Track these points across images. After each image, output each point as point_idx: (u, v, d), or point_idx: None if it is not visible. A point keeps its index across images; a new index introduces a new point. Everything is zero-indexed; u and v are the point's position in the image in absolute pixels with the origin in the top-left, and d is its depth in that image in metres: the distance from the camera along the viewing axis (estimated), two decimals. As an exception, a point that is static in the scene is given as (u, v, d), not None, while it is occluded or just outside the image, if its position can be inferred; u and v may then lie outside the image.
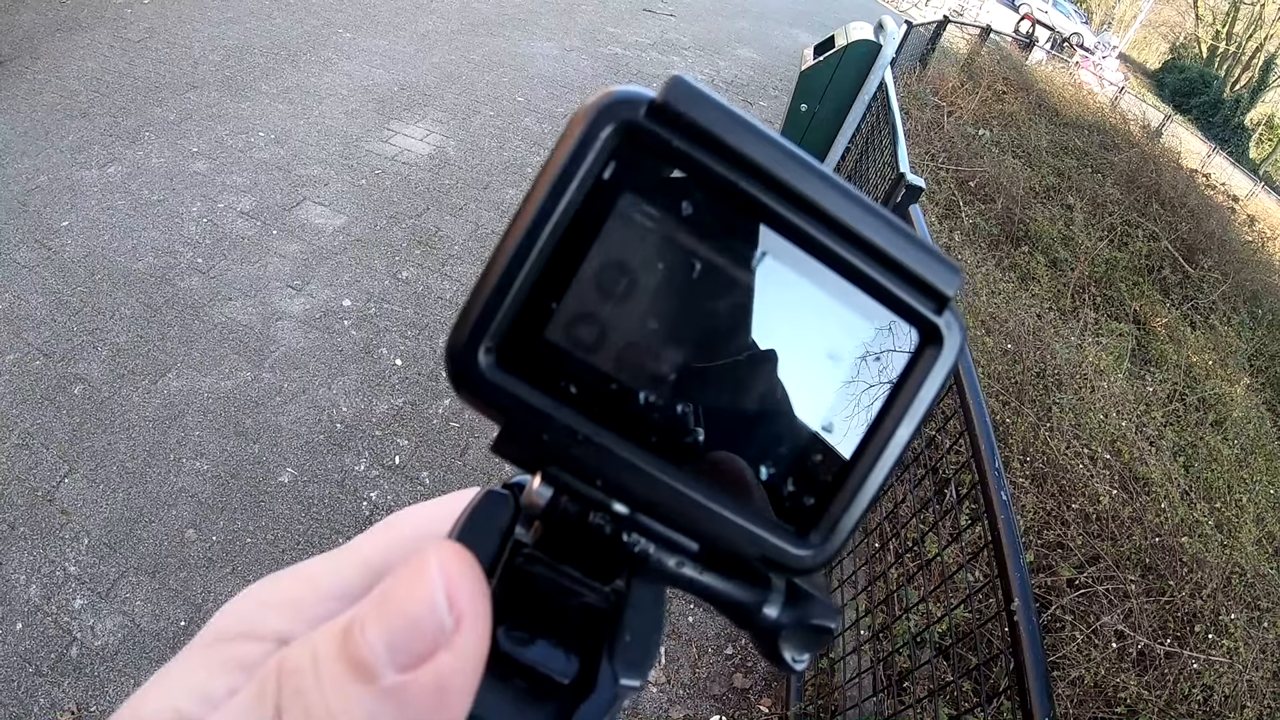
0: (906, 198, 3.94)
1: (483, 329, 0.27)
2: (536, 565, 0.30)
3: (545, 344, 0.27)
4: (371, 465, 3.84)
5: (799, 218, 0.28)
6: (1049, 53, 23.17)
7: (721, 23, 13.55)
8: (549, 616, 0.30)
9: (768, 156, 0.27)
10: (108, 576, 3.16)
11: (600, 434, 0.28)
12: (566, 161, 0.26)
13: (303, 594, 0.32)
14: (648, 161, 0.27)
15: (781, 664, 0.32)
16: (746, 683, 3.44)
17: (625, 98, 0.27)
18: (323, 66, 7.59)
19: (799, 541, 0.30)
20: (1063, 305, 7.69)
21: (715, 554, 0.31)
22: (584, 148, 0.26)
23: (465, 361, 0.27)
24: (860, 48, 6.19)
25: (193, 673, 0.29)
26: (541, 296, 0.27)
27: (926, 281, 0.29)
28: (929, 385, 0.30)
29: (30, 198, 4.92)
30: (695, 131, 0.27)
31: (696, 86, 0.27)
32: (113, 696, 2.84)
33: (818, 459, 0.30)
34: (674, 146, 0.27)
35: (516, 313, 0.27)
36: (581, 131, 0.26)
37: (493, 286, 0.26)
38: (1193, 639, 3.80)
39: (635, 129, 0.27)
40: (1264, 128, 40.76)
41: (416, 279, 5.06)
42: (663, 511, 0.29)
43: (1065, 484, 4.37)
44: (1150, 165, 12.17)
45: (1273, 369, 9.40)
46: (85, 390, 3.84)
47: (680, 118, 0.27)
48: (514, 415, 0.28)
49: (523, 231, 0.26)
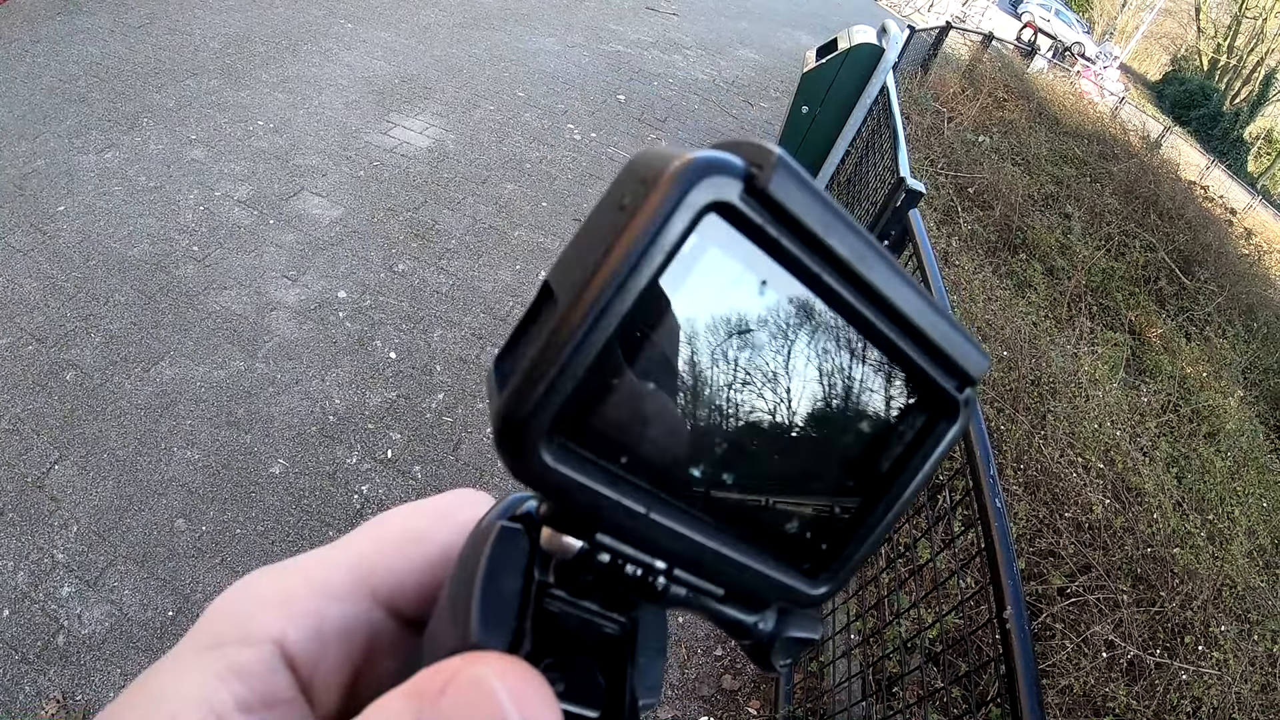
0: (906, 202, 3.93)
1: (544, 408, 0.25)
2: (559, 604, 0.30)
3: (603, 422, 0.26)
4: (363, 458, 3.82)
5: (863, 305, 0.28)
6: (1050, 61, 23.22)
7: (724, 23, 13.54)
8: (575, 654, 0.30)
9: (854, 252, 0.27)
10: (96, 565, 3.15)
11: (652, 506, 0.27)
12: (652, 231, 0.24)
13: (296, 592, 0.31)
14: (730, 239, 0.26)
15: (768, 667, 0.35)
16: (735, 684, 3.43)
17: (719, 168, 0.25)
18: (323, 57, 7.57)
19: (811, 582, 0.32)
20: (1059, 314, 7.69)
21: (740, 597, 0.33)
22: (668, 217, 0.24)
23: (522, 442, 0.25)
24: (863, 51, 6.18)
25: (190, 680, 0.28)
26: (606, 372, 0.25)
27: (957, 364, 0.31)
28: (937, 452, 0.32)
29: (27, 181, 4.90)
30: (788, 219, 0.26)
31: (797, 170, 0.26)
32: (99, 685, 2.82)
33: (836, 513, 0.32)
34: (764, 231, 0.26)
35: (579, 390, 0.25)
36: (670, 199, 0.24)
37: (560, 362, 0.24)
38: (1182, 650, 3.80)
39: (727, 209, 0.25)
40: (1263, 141, 40.90)
41: (413, 272, 5.05)
42: (700, 568, 0.30)
43: (1058, 492, 4.37)
44: (1149, 176, 12.19)
45: (1266, 382, 9.42)
46: (77, 376, 3.82)
47: (775, 204, 0.25)
48: (570, 499, 0.26)
49: (596, 302, 0.24)
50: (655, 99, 9.20)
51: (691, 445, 0.28)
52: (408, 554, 0.33)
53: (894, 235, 4.01)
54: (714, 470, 0.28)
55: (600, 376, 0.25)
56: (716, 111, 9.44)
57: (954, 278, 6.31)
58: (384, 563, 0.33)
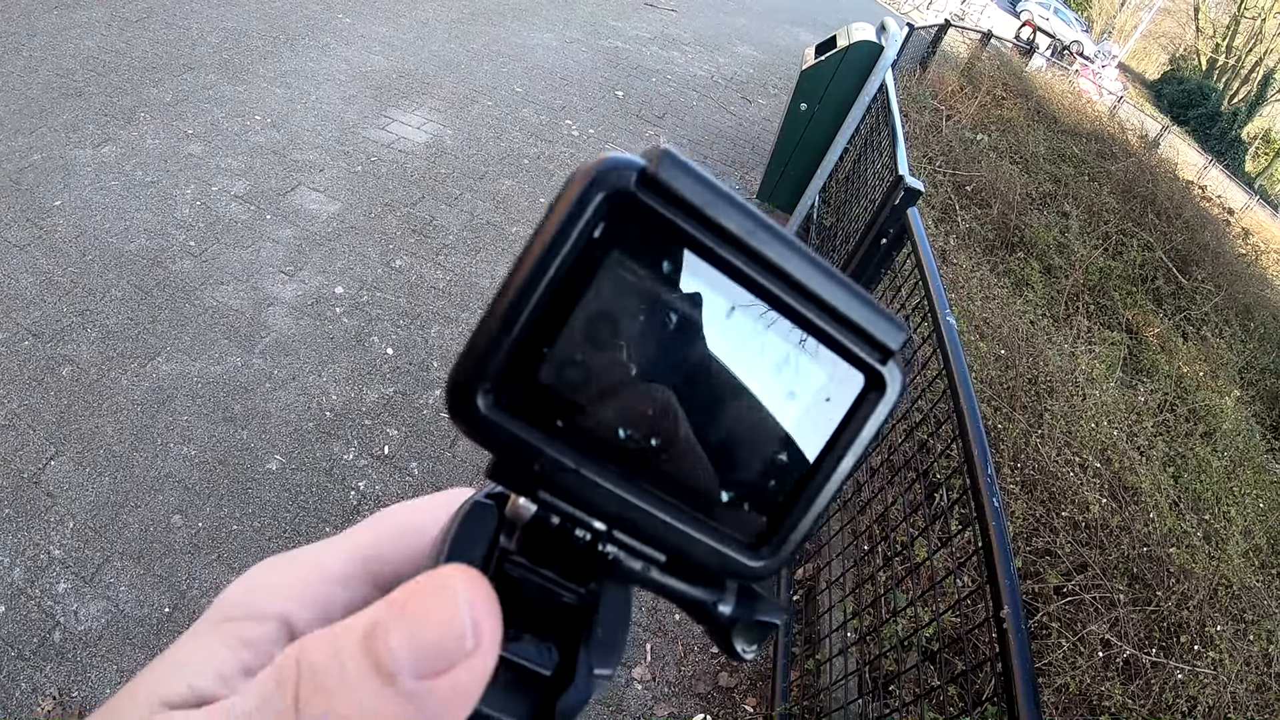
0: (905, 200, 3.93)
1: (481, 370, 0.29)
2: (520, 570, 0.33)
3: (538, 385, 0.30)
4: (360, 454, 3.82)
5: (767, 280, 0.31)
6: (1049, 60, 23.22)
7: (722, 19, 13.54)
8: (533, 616, 0.33)
9: (741, 227, 0.30)
10: (92, 561, 3.14)
11: (584, 464, 0.31)
12: (563, 221, 0.29)
13: (303, 577, 0.34)
14: (634, 224, 0.30)
15: (733, 654, 0.37)
16: (732, 681, 3.43)
17: (618, 166, 0.29)
18: (321, 51, 7.55)
19: (752, 555, 0.34)
20: (1056, 312, 7.70)
21: (680, 563, 0.34)
22: (579, 209, 0.29)
23: (465, 399, 0.30)
24: (862, 48, 6.17)
25: (202, 650, 0.31)
26: (536, 342, 0.29)
27: (874, 337, 0.32)
28: (871, 425, 0.33)
29: (23, 176, 4.88)
30: (678, 201, 0.29)
31: (682, 160, 0.30)
32: (95, 682, 2.82)
33: (772, 485, 0.33)
34: (658, 214, 0.30)
35: (513, 356, 0.29)
36: (578, 195, 0.29)
37: (492, 332, 0.29)
38: (1178, 649, 3.80)
39: (625, 196, 0.29)
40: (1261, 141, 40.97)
41: (410, 268, 5.04)
42: (637, 530, 0.32)
43: (1055, 491, 4.37)
44: (1147, 175, 12.20)
45: (1263, 382, 9.44)
46: (74, 372, 3.81)
47: (667, 190, 0.29)
48: (508, 449, 0.30)
49: (521, 282, 0.29)
50: (653, 95, 9.20)
51: (617, 410, 0.31)
52: (406, 545, 0.36)
53: (892, 233, 4.01)
54: (641, 434, 0.31)
55: (531, 345, 0.29)
56: (715, 108, 9.44)
57: (952, 276, 6.31)
58: (383, 553, 0.36)
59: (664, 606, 3.61)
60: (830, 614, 3.43)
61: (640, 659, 3.40)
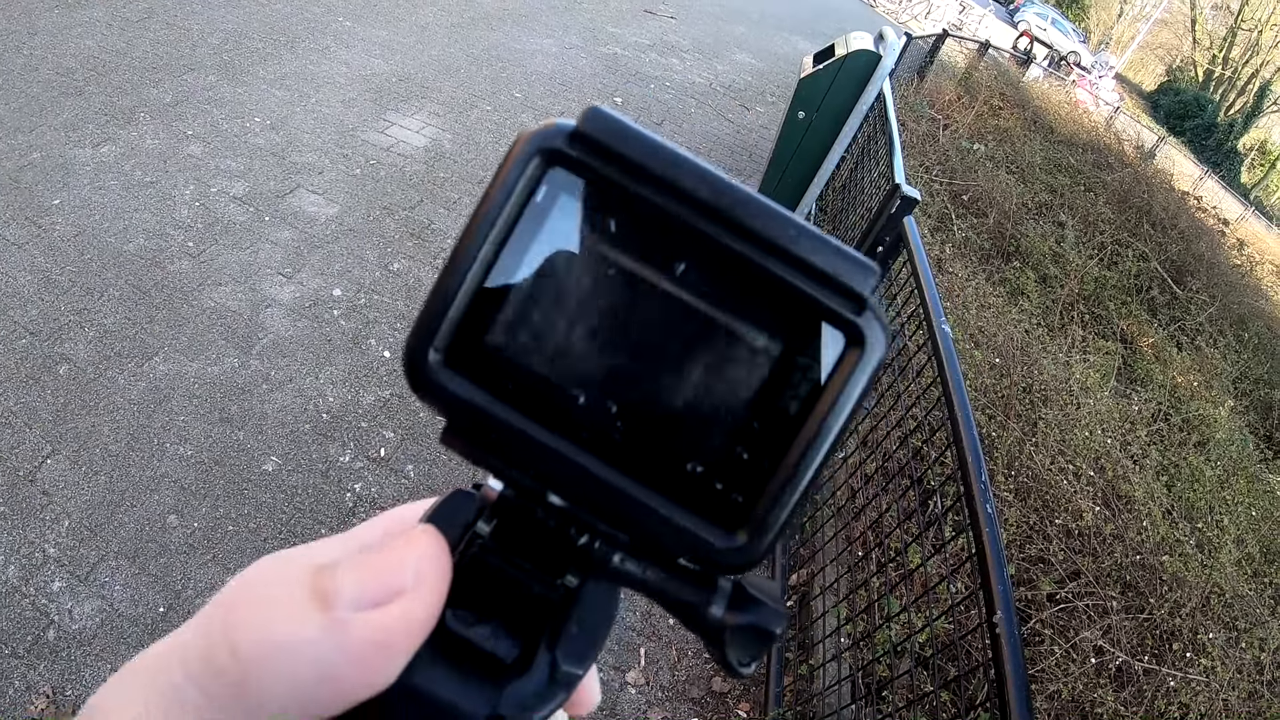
0: (902, 209, 3.95)
1: (432, 332, 0.30)
2: (491, 555, 0.33)
3: (487, 348, 0.30)
4: (356, 457, 3.82)
5: (715, 230, 0.30)
6: (1046, 70, 23.32)
7: (721, 26, 13.58)
8: (497, 603, 0.33)
9: (681, 174, 0.30)
10: (87, 560, 3.14)
11: (535, 430, 0.31)
12: (504, 184, 0.30)
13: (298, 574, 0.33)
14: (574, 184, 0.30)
15: (728, 668, 0.34)
16: (725, 687, 3.44)
17: (552, 129, 0.30)
18: (321, 54, 7.56)
19: (726, 538, 0.31)
20: (1051, 322, 7.72)
21: (645, 546, 0.32)
22: (516, 173, 0.30)
23: (416, 360, 0.30)
24: (860, 58, 6.19)
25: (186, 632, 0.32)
26: (483, 305, 0.30)
27: (842, 283, 0.30)
28: (853, 385, 0.30)
29: (22, 174, 4.88)
30: (611, 155, 0.30)
31: (611, 115, 0.30)
32: (89, 681, 2.82)
33: (744, 457, 0.31)
34: (594, 170, 0.30)
35: (461, 319, 0.30)
36: (515, 159, 0.30)
37: (441, 295, 0.30)
38: (1171, 657, 3.81)
39: (559, 156, 0.30)
40: (1256, 153, 41.10)
41: (408, 271, 5.05)
42: (594, 503, 0.31)
43: (1049, 499, 4.39)
44: (1143, 186, 12.23)
45: (1257, 392, 9.46)
46: (71, 371, 3.81)
47: (597, 144, 0.30)
48: (458, 411, 0.31)
49: (467, 248, 0.30)
50: (652, 102, 9.22)
51: (569, 372, 0.30)
52: None
53: (889, 241, 4.03)
54: (596, 398, 0.31)
55: (480, 309, 0.30)
56: (712, 115, 9.46)
57: (947, 285, 6.33)
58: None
59: (657, 610, 3.60)
60: (824, 619, 3.43)
61: (634, 663, 3.40)
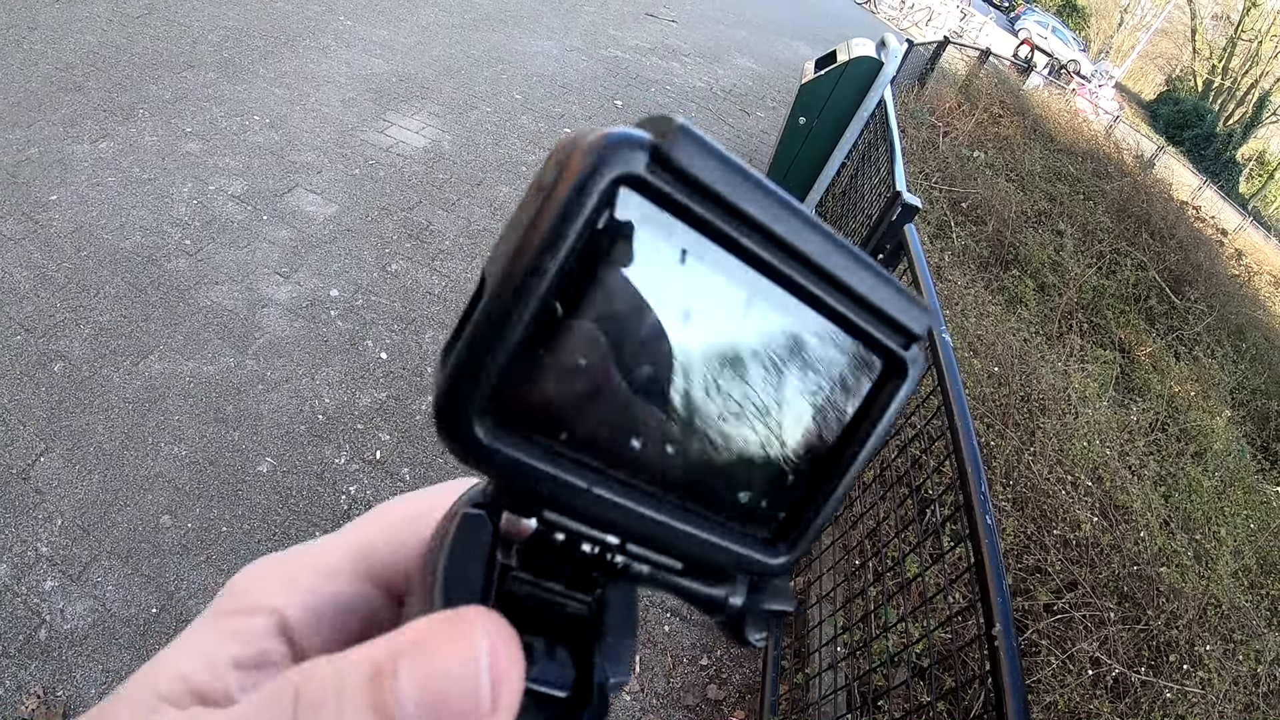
0: (902, 216, 3.94)
1: (475, 388, 0.26)
2: (523, 586, 0.31)
3: (538, 397, 0.27)
4: (352, 459, 3.80)
5: (789, 266, 0.28)
6: (1046, 79, 23.37)
7: (723, 31, 13.58)
8: (541, 634, 0.31)
9: (766, 211, 0.27)
10: (80, 559, 3.12)
11: (596, 483, 0.28)
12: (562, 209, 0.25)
13: (298, 572, 0.34)
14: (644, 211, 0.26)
15: (744, 642, 0.34)
16: (720, 694, 3.42)
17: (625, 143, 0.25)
18: (321, 53, 7.55)
19: (770, 551, 0.32)
20: (1049, 330, 7.72)
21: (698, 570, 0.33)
22: (580, 195, 0.25)
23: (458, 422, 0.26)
24: (862, 64, 6.20)
25: (195, 642, 0.31)
26: (534, 349, 0.26)
27: (900, 322, 0.31)
28: (892, 410, 0.31)
29: (20, 169, 4.86)
30: (696, 185, 0.26)
31: (704, 139, 0.26)
32: (80, 681, 2.80)
33: (790, 480, 0.31)
34: (674, 199, 0.26)
35: (509, 368, 0.26)
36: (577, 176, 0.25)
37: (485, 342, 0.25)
38: (1167, 668, 3.81)
39: (636, 181, 0.25)
40: (1255, 163, 41.22)
41: (405, 272, 5.03)
42: (650, 541, 0.30)
43: (1046, 509, 4.38)
44: (1141, 195, 12.26)
45: (1254, 403, 9.48)
46: (65, 368, 3.79)
47: (683, 172, 0.26)
48: (510, 475, 0.27)
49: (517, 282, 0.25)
50: (652, 106, 9.22)
51: (629, 418, 0.28)
52: (403, 538, 0.35)
53: (889, 249, 4.02)
54: (655, 443, 0.29)
55: (529, 355, 0.26)
56: (713, 120, 9.46)
57: (946, 292, 6.33)
58: (379, 547, 0.35)
59: (653, 617, 3.60)
60: (820, 628, 3.42)
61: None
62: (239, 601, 0.33)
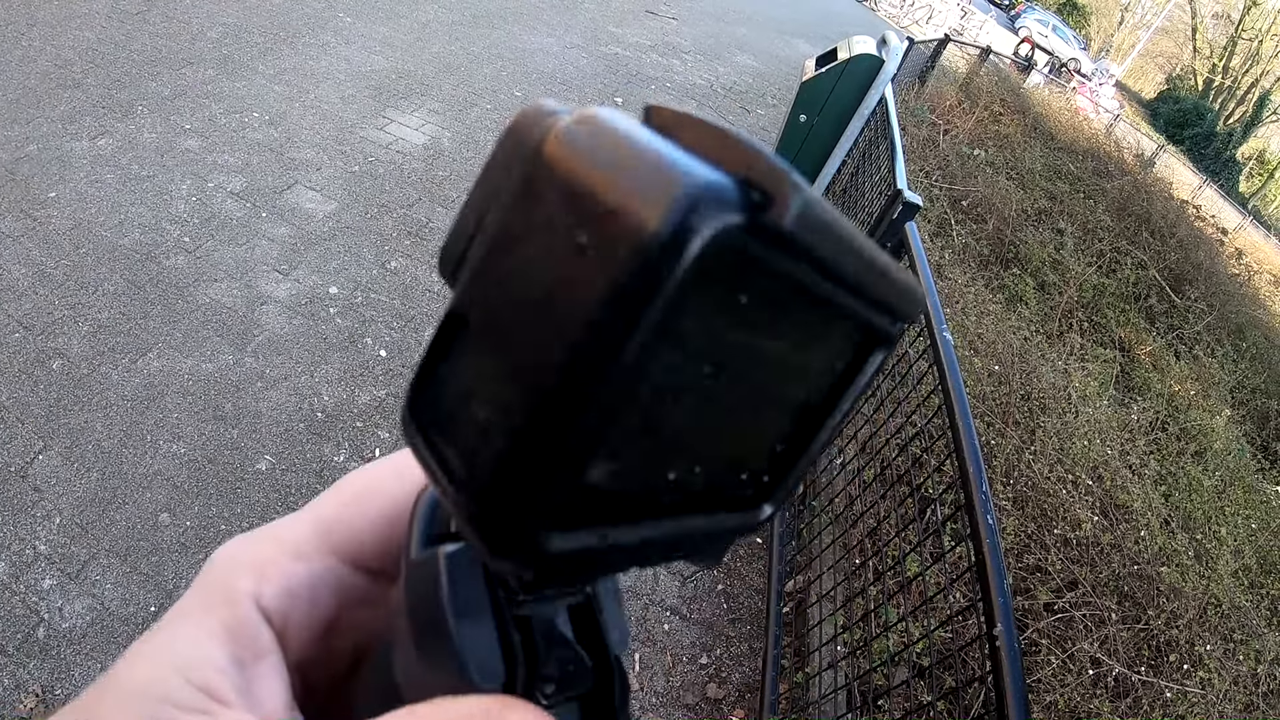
0: (903, 214, 3.93)
1: (539, 497, 0.22)
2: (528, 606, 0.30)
3: (591, 487, 0.23)
4: (351, 457, 3.80)
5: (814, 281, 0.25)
6: (1047, 77, 23.35)
7: (723, 28, 13.56)
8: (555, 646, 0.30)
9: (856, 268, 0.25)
10: (78, 557, 3.11)
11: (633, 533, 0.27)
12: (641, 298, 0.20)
13: (268, 555, 0.34)
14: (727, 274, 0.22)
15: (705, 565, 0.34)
16: (720, 693, 3.42)
17: (714, 198, 0.20)
18: (321, 50, 7.53)
19: (758, 512, 0.32)
20: (1050, 329, 7.71)
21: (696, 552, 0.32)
22: (665, 281, 0.20)
23: (521, 537, 0.23)
24: (863, 61, 6.19)
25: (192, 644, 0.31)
26: (593, 440, 0.22)
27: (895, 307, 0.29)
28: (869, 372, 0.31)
29: (18, 166, 4.85)
30: (802, 254, 0.23)
31: (826, 211, 0.22)
32: (79, 679, 2.79)
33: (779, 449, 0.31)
34: (771, 267, 0.22)
35: (570, 468, 0.22)
36: (655, 251, 0.19)
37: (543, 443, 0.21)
38: (1167, 668, 3.81)
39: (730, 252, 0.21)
40: (1255, 162, 41.21)
41: (405, 270, 5.02)
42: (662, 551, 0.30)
43: (1047, 508, 4.37)
44: (1142, 194, 12.25)
45: (1254, 402, 9.48)
46: (64, 366, 3.78)
47: (794, 244, 0.22)
48: (566, 565, 0.25)
49: (580, 371, 0.20)
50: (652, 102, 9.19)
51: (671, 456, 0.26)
52: (364, 510, 0.36)
53: (890, 247, 4.01)
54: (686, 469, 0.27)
55: (589, 445, 0.22)
56: (712, 117, 9.42)
57: (946, 290, 6.32)
58: (343, 521, 0.36)
59: (652, 615, 3.59)
60: (820, 628, 3.42)
61: (627, 668, 3.38)
62: (221, 591, 0.33)
